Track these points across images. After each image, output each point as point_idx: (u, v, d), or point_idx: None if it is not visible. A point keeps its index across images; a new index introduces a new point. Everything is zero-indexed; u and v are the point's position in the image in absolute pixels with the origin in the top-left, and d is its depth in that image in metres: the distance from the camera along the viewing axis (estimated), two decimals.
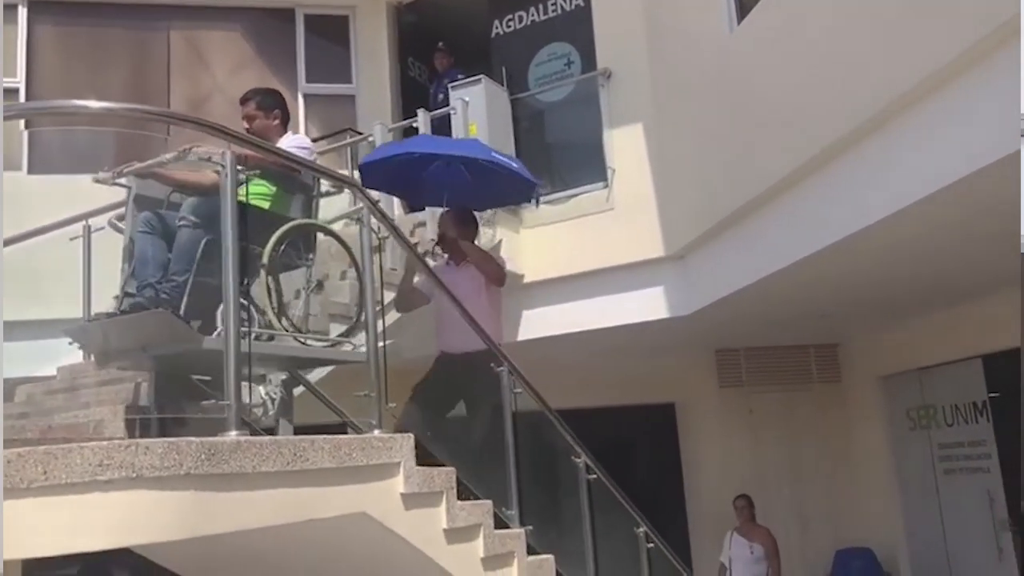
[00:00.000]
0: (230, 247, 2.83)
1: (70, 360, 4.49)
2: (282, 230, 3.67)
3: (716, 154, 6.21)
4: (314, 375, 4.92)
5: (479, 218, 6.57)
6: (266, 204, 3.97)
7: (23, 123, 7.12)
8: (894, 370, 8.48)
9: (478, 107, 6.98)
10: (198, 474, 2.42)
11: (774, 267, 5.65)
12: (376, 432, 3.32)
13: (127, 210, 4.07)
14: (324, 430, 3.08)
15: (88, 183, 3.92)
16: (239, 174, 3.16)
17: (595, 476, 4.84)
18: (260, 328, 3.51)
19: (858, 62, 4.46)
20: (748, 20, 5.62)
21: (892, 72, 4.19)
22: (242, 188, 3.42)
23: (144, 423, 3.92)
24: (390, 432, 3.38)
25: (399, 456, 3.25)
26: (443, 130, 6.98)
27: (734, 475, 8.52)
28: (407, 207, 6.94)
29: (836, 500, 8.79)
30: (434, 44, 8.91)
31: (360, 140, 7.27)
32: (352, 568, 3.53)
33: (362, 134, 7.49)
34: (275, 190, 4.00)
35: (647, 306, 7.02)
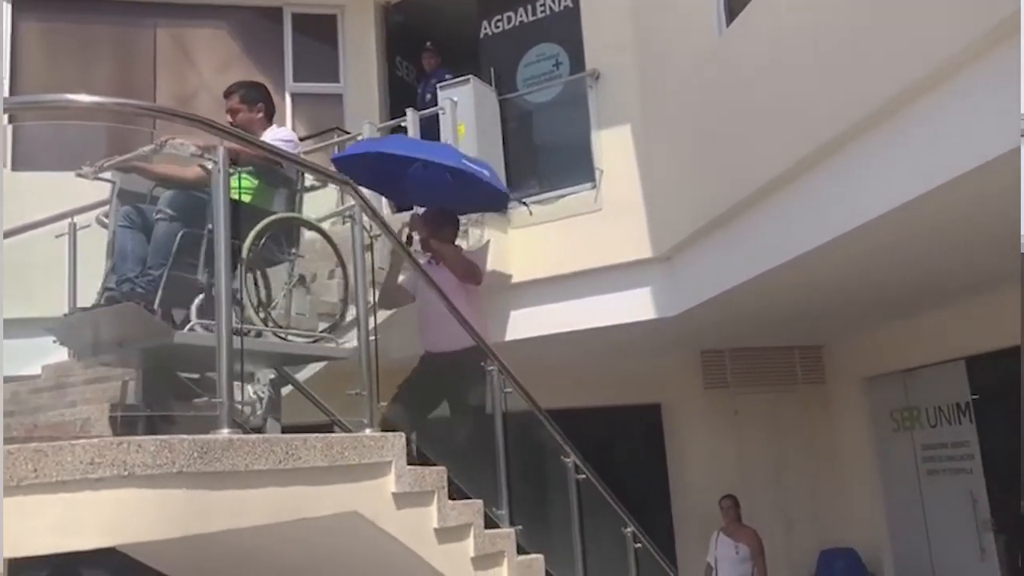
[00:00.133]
0: (223, 243, 2.81)
1: (56, 359, 4.45)
2: (262, 224, 3.61)
3: (704, 156, 6.23)
4: (302, 374, 4.90)
5: (467, 219, 6.58)
6: (248, 197, 3.92)
7: (6, 118, 7.03)
8: (878, 371, 8.53)
9: (467, 107, 6.96)
10: (190, 472, 2.40)
11: (761, 268, 5.66)
12: (368, 431, 3.31)
13: (111, 205, 4.03)
14: (311, 430, 3.05)
15: (73, 180, 3.88)
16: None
17: (584, 476, 4.84)
18: (238, 323, 3.45)
19: (848, 64, 4.48)
20: (738, 22, 5.63)
21: (881, 75, 4.21)
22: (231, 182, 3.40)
23: (130, 421, 3.88)
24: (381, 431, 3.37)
25: (391, 455, 3.24)
26: (431, 130, 6.96)
27: (719, 476, 8.55)
28: (395, 206, 6.92)
29: (820, 501, 8.84)
30: (422, 44, 8.89)
31: (348, 139, 7.24)
32: (342, 568, 3.51)
33: (349, 133, 7.46)
34: (257, 183, 3.96)
35: (634, 307, 7.03)
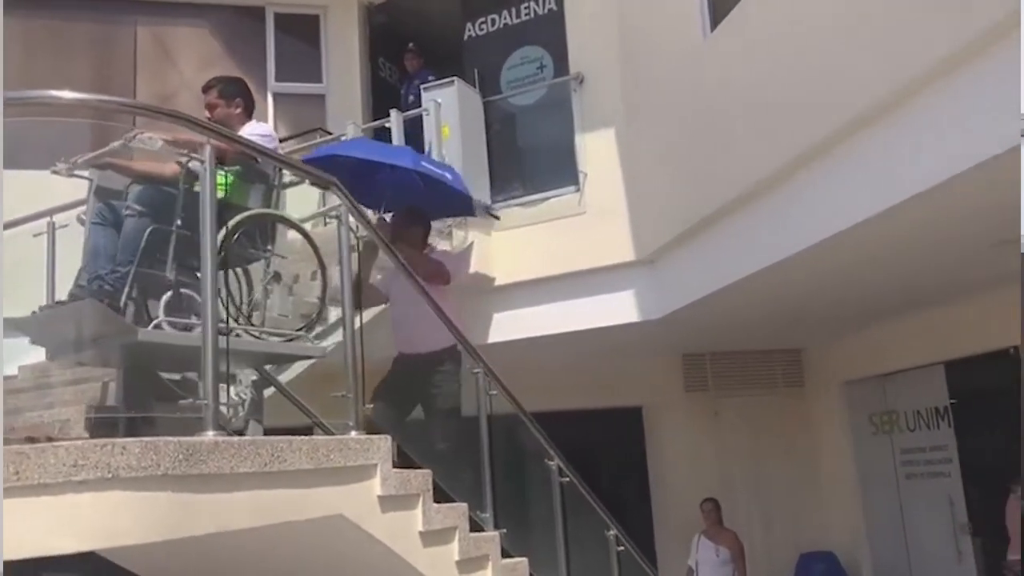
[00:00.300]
0: (208, 242, 2.77)
1: (34, 359, 4.38)
2: (235, 220, 3.54)
3: (688, 159, 6.25)
4: (284, 376, 4.86)
5: (452, 220, 6.55)
6: (221, 193, 3.85)
7: None
8: (857, 375, 8.59)
9: (451, 109, 6.93)
10: (176, 475, 2.36)
11: (744, 272, 5.68)
12: (353, 433, 3.28)
13: (88, 203, 3.97)
14: (291, 433, 3.00)
15: (50, 178, 3.82)
16: (194, 162, 3.10)
17: (567, 479, 4.83)
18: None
19: (833, 68, 4.50)
20: (722, 26, 5.65)
21: (866, 78, 4.23)
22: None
23: (109, 423, 3.82)
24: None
25: (376, 458, 3.20)
26: (415, 131, 6.94)
27: (699, 478, 8.57)
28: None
29: (800, 504, 8.88)
30: (405, 45, 8.86)
31: (330, 140, 7.19)
32: (327, 571, 3.47)
33: (332, 134, 7.41)
34: (231, 179, 3.87)
35: (617, 309, 7.04)
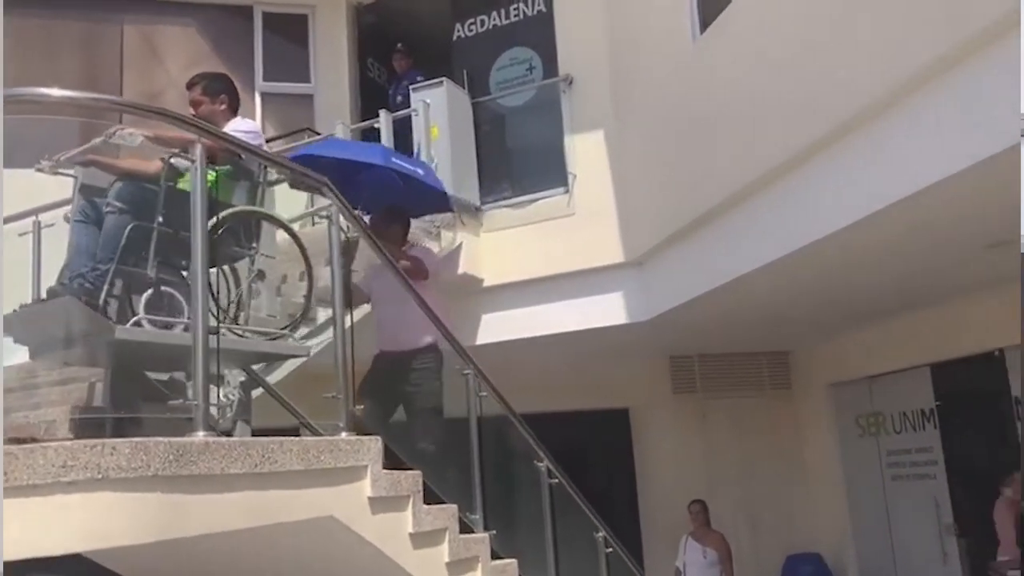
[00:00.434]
0: (199, 240, 2.74)
1: (19, 360, 4.33)
2: (220, 215, 3.50)
3: (677, 161, 6.26)
4: (272, 376, 4.82)
5: (440, 219, 6.54)
6: None
7: None
8: (844, 378, 8.63)
9: (440, 109, 6.92)
10: (166, 476, 2.33)
11: (733, 274, 5.70)
12: (343, 434, 3.26)
13: (73, 201, 3.94)
14: (279, 434, 2.98)
15: (36, 177, 3.78)
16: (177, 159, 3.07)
17: (556, 480, 4.82)
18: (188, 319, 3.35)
19: (825, 69, 4.52)
20: (712, 28, 5.67)
21: (859, 79, 4.25)
22: (186, 176, 3.32)
23: (96, 424, 3.79)
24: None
25: (367, 459, 3.19)
26: (403, 132, 6.92)
27: (686, 480, 8.59)
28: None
29: (786, 506, 8.92)
30: (394, 45, 8.83)
31: (318, 140, 7.15)
32: (316, 573, 3.46)
33: (320, 134, 7.38)
34: (215, 175, 3.87)
35: (606, 311, 7.05)
